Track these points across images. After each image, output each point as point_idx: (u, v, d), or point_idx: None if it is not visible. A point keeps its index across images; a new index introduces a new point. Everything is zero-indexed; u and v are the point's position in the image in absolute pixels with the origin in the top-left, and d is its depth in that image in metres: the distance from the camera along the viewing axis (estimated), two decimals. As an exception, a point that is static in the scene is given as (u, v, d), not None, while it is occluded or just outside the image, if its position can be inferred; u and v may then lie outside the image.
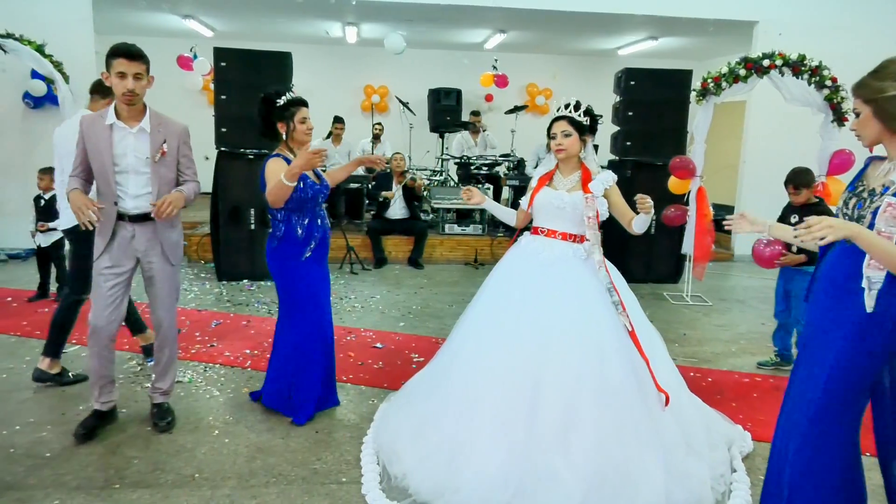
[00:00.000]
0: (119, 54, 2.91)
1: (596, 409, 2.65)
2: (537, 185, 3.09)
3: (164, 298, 3.21)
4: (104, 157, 2.99)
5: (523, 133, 9.82)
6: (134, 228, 3.08)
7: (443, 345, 3.32)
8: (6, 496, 2.66)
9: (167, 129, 3.09)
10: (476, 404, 2.79)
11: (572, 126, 2.96)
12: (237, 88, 6.08)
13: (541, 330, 2.78)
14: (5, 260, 6.97)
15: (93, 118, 3.06)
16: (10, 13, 6.47)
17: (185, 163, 3.17)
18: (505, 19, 8.75)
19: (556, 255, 2.94)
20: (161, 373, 3.35)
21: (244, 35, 10.33)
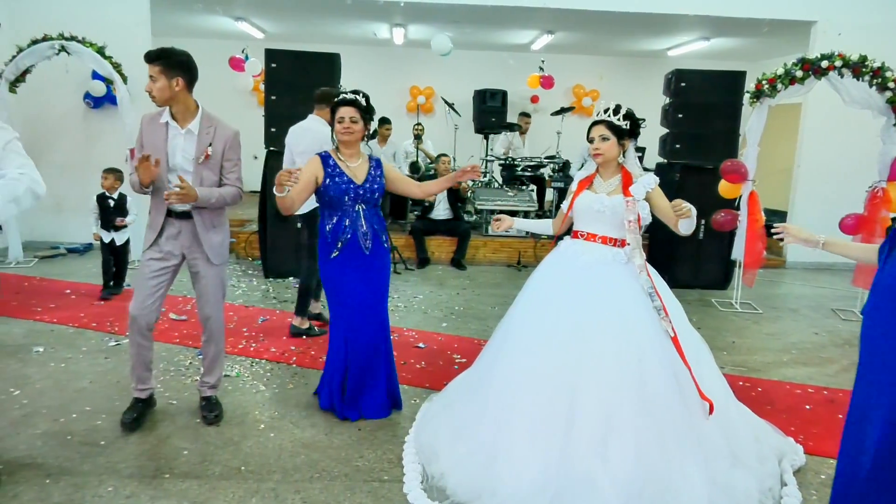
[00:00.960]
0: (148, 58, 3.05)
1: (635, 416, 2.60)
2: (577, 189, 3.08)
3: (208, 295, 3.28)
4: (159, 154, 3.08)
5: (569, 135, 9.71)
6: (180, 226, 3.17)
7: (484, 347, 3.32)
8: (63, 481, 2.77)
9: (216, 133, 3.15)
10: (514, 408, 2.78)
11: (610, 130, 2.94)
12: (287, 89, 6.19)
13: (579, 335, 2.75)
14: (64, 254, 7.25)
15: (151, 117, 3.17)
16: (73, 17, 6.73)
17: (228, 167, 3.21)
18: (553, 20, 8.69)
19: (595, 259, 2.91)
20: (209, 367, 3.43)
21: (294, 36, 10.51)
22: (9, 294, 5.46)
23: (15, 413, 3.37)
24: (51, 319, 4.92)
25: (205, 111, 3.18)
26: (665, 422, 2.61)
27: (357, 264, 3.35)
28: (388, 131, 8.72)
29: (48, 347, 4.34)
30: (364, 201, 3.34)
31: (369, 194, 3.34)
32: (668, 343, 2.70)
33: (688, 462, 2.56)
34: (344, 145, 3.32)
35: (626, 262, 2.89)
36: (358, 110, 3.27)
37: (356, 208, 3.33)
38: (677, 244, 6.12)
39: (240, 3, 8.12)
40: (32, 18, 6.83)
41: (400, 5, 7.69)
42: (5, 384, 3.71)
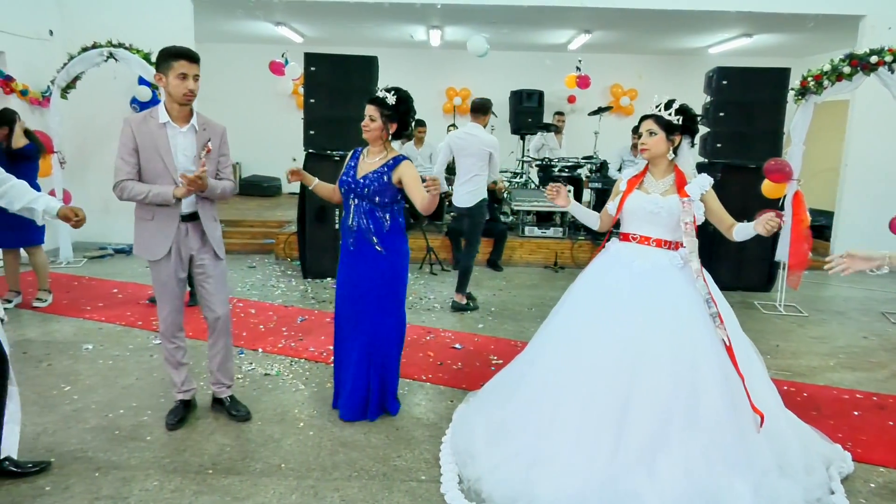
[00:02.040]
0: (181, 56, 3.00)
1: (686, 430, 2.55)
2: (627, 189, 2.98)
3: (218, 293, 3.30)
4: (163, 155, 3.05)
5: (607, 135, 9.63)
6: (187, 227, 3.18)
7: (523, 350, 3.30)
8: (112, 474, 2.86)
9: (211, 129, 3.20)
10: (559, 416, 2.73)
11: (658, 125, 2.87)
12: (326, 92, 6.27)
13: (633, 343, 2.69)
14: (112, 254, 7.47)
15: (143, 119, 3.08)
16: (121, 24, 6.95)
17: (223, 161, 3.27)
18: (591, 19, 8.61)
19: (650, 264, 2.83)
20: (222, 367, 3.41)
21: (332, 40, 10.64)
22: (60, 293, 5.65)
23: (66, 408, 3.49)
24: (99, 318, 5.08)
25: (196, 110, 3.19)
26: (715, 435, 2.55)
27: (345, 260, 3.40)
28: (423, 133, 8.76)
29: (97, 345, 4.48)
30: (357, 196, 3.30)
31: (360, 189, 3.27)
32: (722, 352, 2.64)
33: (735, 476, 2.50)
34: (369, 142, 3.36)
35: (682, 266, 2.82)
36: (378, 108, 3.25)
37: (349, 202, 3.34)
38: (718, 244, 5.99)
39: (280, 8, 8.25)
40: (82, 27, 7.08)
41: (437, 7, 7.73)
42: (57, 380, 3.85)
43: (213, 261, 3.26)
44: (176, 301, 3.27)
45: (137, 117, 3.11)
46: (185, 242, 3.18)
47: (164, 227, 3.13)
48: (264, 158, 10.74)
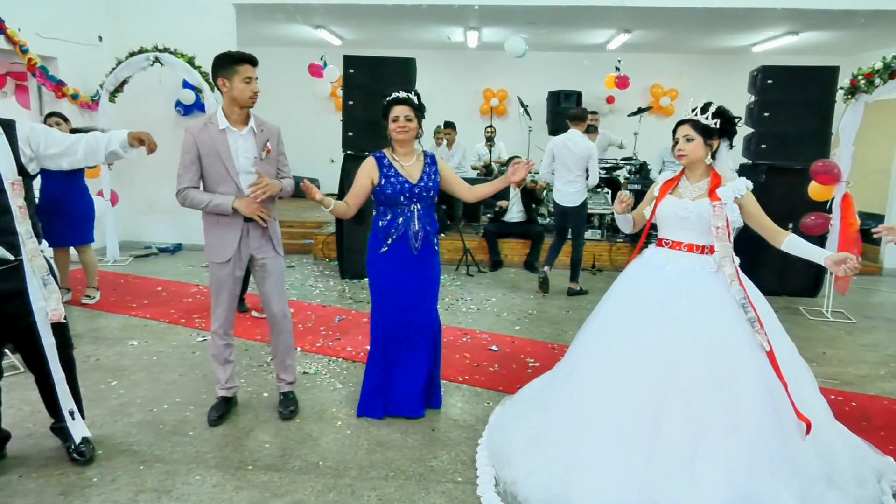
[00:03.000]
0: (246, 61, 3.11)
1: (726, 435, 2.49)
2: (660, 194, 2.94)
3: (278, 290, 3.38)
4: (224, 160, 3.13)
5: (647, 135, 9.49)
6: (248, 227, 3.24)
7: (561, 355, 3.27)
8: (156, 468, 2.93)
9: (268, 130, 3.26)
10: (595, 422, 2.70)
11: (696, 130, 2.81)
12: (364, 94, 6.32)
13: (666, 348, 2.64)
14: (156, 253, 7.67)
15: (202, 125, 3.17)
16: (166, 30, 7.13)
17: (282, 160, 3.35)
18: (631, 19, 8.50)
19: (682, 269, 2.79)
20: (282, 362, 3.51)
21: (370, 42, 10.73)
22: (107, 290, 5.82)
23: (113, 402, 3.60)
24: (144, 315, 5.22)
25: (252, 112, 3.25)
26: (758, 442, 2.48)
27: (405, 264, 3.33)
28: (451, 135, 8.76)
29: (142, 341, 4.60)
30: (419, 200, 3.30)
31: (424, 192, 3.30)
32: (762, 358, 2.57)
33: (780, 486, 2.43)
34: (399, 144, 3.31)
35: (715, 270, 2.76)
36: (412, 109, 3.26)
37: (411, 208, 3.30)
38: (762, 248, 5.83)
39: (319, 12, 8.36)
40: (130, 33, 7.28)
41: (475, 8, 7.72)
42: (104, 375, 3.97)
43: (273, 258, 3.33)
44: (231, 300, 3.34)
45: (197, 124, 3.20)
46: (245, 242, 3.26)
47: (230, 231, 3.22)
48: (303, 159, 10.82)
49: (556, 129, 10.01)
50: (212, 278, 3.32)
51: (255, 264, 3.33)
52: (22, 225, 2.58)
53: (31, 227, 2.69)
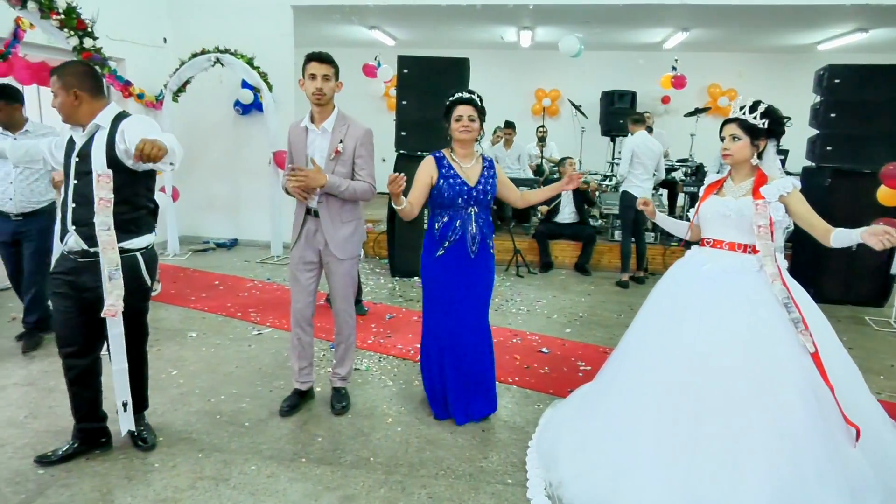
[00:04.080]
0: (311, 58, 3.20)
1: (768, 440, 2.41)
2: (704, 194, 2.92)
3: (338, 289, 3.44)
4: (301, 156, 3.29)
5: (704, 137, 9.24)
6: (316, 223, 3.33)
7: (609, 357, 3.23)
8: (213, 457, 3.02)
9: (349, 131, 3.28)
10: (637, 425, 2.67)
11: (742, 129, 2.75)
12: (417, 94, 6.36)
13: (705, 349, 2.59)
14: (213, 248, 7.89)
15: (296, 123, 3.37)
16: (227, 32, 7.33)
17: (360, 164, 3.31)
18: (690, 17, 8.30)
19: (722, 267, 2.73)
20: (340, 359, 3.60)
21: (423, 42, 10.80)
22: (167, 283, 6.03)
23: (173, 391, 3.72)
24: (202, 308, 5.38)
25: (340, 111, 3.31)
26: (802, 446, 2.40)
27: (461, 267, 3.32)
28: (511, 135, 8.74)
29: (200, 333, 4.75)
30: (476, 203, 3.29)
31: (482, 196, 3.29)
32: (806, 360, 2.49)
33: (829, 492, 2.34)
34: (460, 144, 3.28)
35: (758, 269, 2.69)
36: (475, 109, 3.23)
37: (468, 210, 3.29)
38: (826, 255, 5.65)
39: (374, 13, 8.45)
40: (192, 34, 7.51)
41: (529, 8, 7.68)
42: (165, 364, 4.11)
43: (333, 260, 3.36)
44: (303, 294, 3.41)
45: (295, 122, 3.40)
46: (313, 238, 3.35)
47: (297, 219, 3.40)
48: (355, 159, 11.06)
49: (609, 130, 9.89)
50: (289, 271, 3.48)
51: (323, 261, 3.41)
52: (99, 216, 2.68)
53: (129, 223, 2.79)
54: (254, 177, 7.73)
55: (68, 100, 2.73)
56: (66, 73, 2.75)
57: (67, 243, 2.78)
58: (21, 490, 2.70)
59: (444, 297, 3.36)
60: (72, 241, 2.76)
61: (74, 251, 2.78)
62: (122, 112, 2.84)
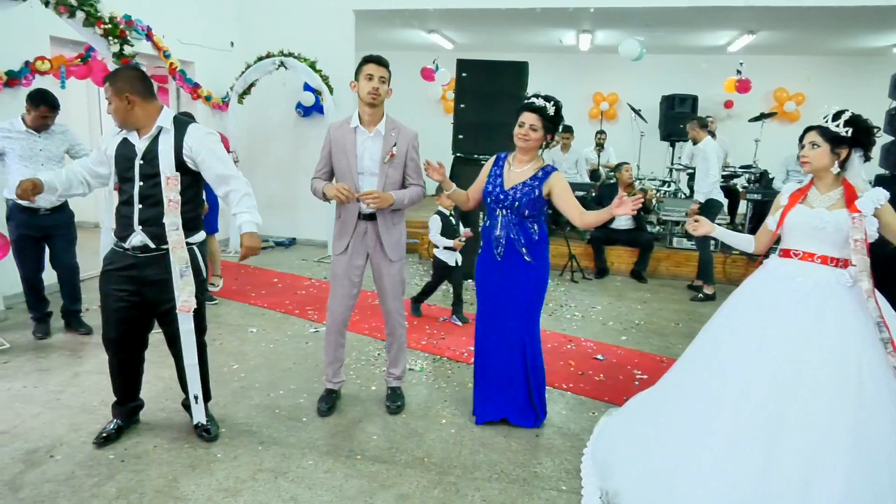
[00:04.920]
0: (369, 60, 3.24)
1: (849, 459, 2.32)
2: (789, 203, 2.80)
3: (388, 291, 3.47)
4: (349, 157, 3.28)
5: (769, 143, 8.97)
6: (367, 226, 3.36)
7: (672, 366, 3.17)
8: (273, 450, 3.10)
9: (400, 134, 3.32)
10: (704, 437, 2.59)
11: (823, 137, 2.65)
12: (476, 97, 6.37)
13: (788, 364, 2.49)
14: (272, 246, 8.11)
15: (340, 124, 3.38)
16: (291, 36, 7.53)
17: (411, 167, 3.36)
18: (757, 19, 8.06)
19: (814, 282, 2.62)
20: (393, 359, 3.63)
21: (480, 46, 10.82)
22: (229, 279, 6.22)
23: (235, 385, 3.84)
24: (262, 304, 5.53)
25: (388, 116, 3.35)
26: (884, 468, 2.30)
27: (489, 268, 3.34)
28: (569, 139, 8.67)
29: (260, 329, 4.89)
30: (504, 207, 3.24)
31: (508, 201, 3.22)
32: (894, 382, 2.39)
33: None
34: (519, 150, 3.27)
35: (851, 285, 2.59)
36: (541, 118, 3.15)
37: (497, 213, 3.28)
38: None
39: (434, 17, 8.53)
40: (258, 38, 7.74)
41: (589, 11, 7.61)
42: (227, 358, 4.25)
43: (385, 261, 3.41)
44: (345, 297, 3.44)
45: (336, 122, 3.41)
46: (362, 241, 3.38)
47: (346, 226, 3.38)
48: (411, 161, 11.19)
49: (669, 135, 9.69)
50: (330, 273, 3.48)
51: (372, 263, 3.45)
52: (168, 217, 2.80)
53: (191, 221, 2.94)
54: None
55: (122, 105, 2.83)
56: (118, 79, 2.84)
57: (132, 242, 2.88)
58: (94, 474, 2.83)
59: (479, 296, 3.45)
60: (137, 239, 2.88)
61: (137, 247, 2.89)
62: (179, 116, 2.96)
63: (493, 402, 3.43)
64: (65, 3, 4.29)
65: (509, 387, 3.39)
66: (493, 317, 3.37)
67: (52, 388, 3.69)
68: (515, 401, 3.41)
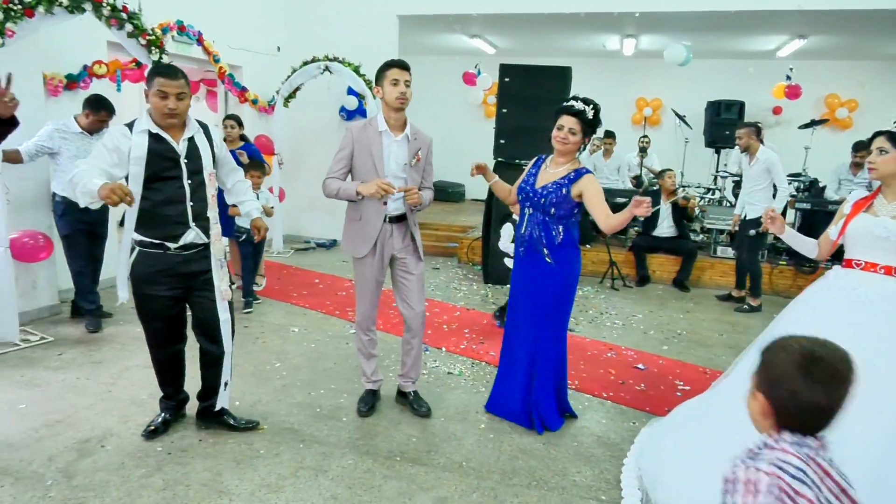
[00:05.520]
0: (393, 65, 3.21)
1: None
2: (852, 211, 2.72)
3: (416, 291, 3.47)
4: (375, 160, 3.27)
5: (820, 150, 8.73)
6: (392, 228, 3.37)
7: (723, 374, 3.10)
8: (314, 448, 3.15)
9: (421, 139, 3.36)
10: None
11: (891, 142, 2.57)
12: (518, 102, 6.37)
13: None
14: (314, 248, 8.23)
15: (362, 126, 3.32)
16: (336, 40, 7.64)
17: (427, 170, 3.43)
18: (808, 23, 7.86)
19: (876, 293, 2.54)
20: (413, 363, 3.59)
21: (523, 51, 10.80)
22: (271, 279, 6.34)
23: (277, 383, 3.91)
24: (303, 304, 5.62)
25: (409, 121, 3.35)
26: None
27: (516, 266, 3.45)
28: (611, 145, 8.59)
29: (302, 329, 4.96)
30: (532, 205, 3.30)
31: (537, 199, 3.26)
32: None
33: None
34: (557, 153, 3.29)
35: None
36: (580, 122, 3.17)
37: (525, 210, 3.34)
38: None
39: (477, 21, 8.55)
40: (304, 43, 7.88)
41: (635, 16, 7.53)
42: (270, 356, 4.33)
43: (414, 261, 3.45)
44: (373, 298, 3.50)
45: (358, 124, 3.37)
46: (388, 242, 3.39)
47: (370, 228, 3.34)
48: (451, 165, 11.15)
49: (714, 141, 9.52)
50: (355, 276, 3.49)
51: (397, 265, 3.45)
52: (211, 211, 2.94)
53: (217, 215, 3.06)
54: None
55: (189, 102, 2.92)
56: (188, 78, 2.94)
57: (186, 239, 2.94)
58: (142, 465, 2.92)
59: (510, 297, 3.52)
60: (192, 236, 2.96)
61: (188, 244, 2.96)
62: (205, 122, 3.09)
63: (503, 397, 3.55)
64: (116, 17, 4.59)
65: (512, 385, 3.49)
66: (513, 313, 3.49)
67: (104, 380, 3.82)
68: (513, 400, 3.49)
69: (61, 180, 4.45)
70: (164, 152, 2.86)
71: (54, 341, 4.44)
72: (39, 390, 3.66)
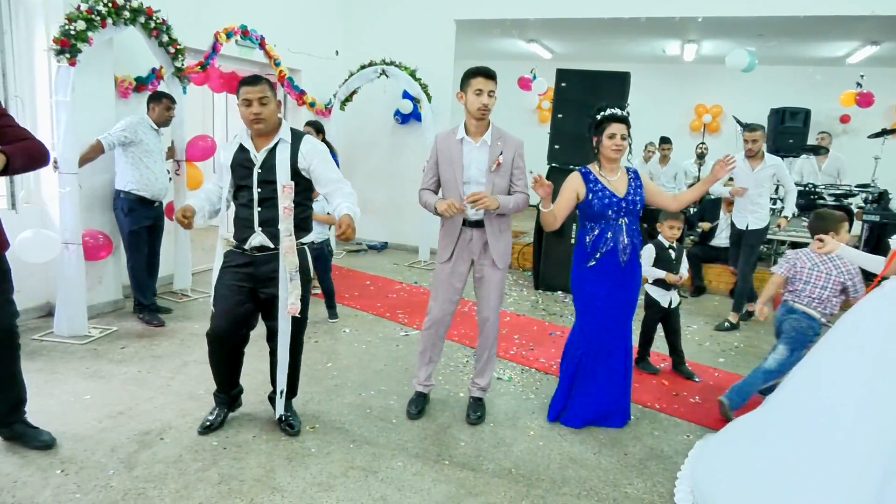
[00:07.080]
0: (479, 73, 3.21)
1: None
2: None
3: (490, 300, 3.46)
4: (455, 168, 3.32)
5: (890, 160, 8.34)
6: (472, 233, 3.38)
7: (778, 388, 3.00)
8: (364, 448, 3.17)
9: (505, 143, 3.32)
10: (811, 468, 2.44)
11: None
12: (574, 107, 6.29)
13: None
14: (366, 250, 8.33)
15: (446, 135, 3.39)
16: (393, 45, 7.73)
17: (517, 174, 3.36)
18: (882, 29, 7.53)
19: None
20: (481, 369, 3.61)
21: (579, 56, 10.69)
22: (324, 280, 6.43)
23: (328, 383, 3.97)
24: (355, 306, 5.68)
25: (493, 125, 3.35)
26: None
27: (612, 276, 3.38)
28: (668, 150, 8.41)
29: (353, 330, 5.02)
30: (626, 214, 3.35)
31: (632, 206, 3.35)
32: None
33: None
34: (610, 161, 3.35)
35: None
36: (628, 127, 3.30)
37: (619, 222, 3.34)
38: None
39: (534, 26, 8.50)
40: (362, 47, 8.00)
41: (698, 21, 7.35)
42: (322, 356, 4.39)
43: (490, 268, 3.42)
44: (447, 303, 3.49)
45: (444, 133, 3.43)
46: (467, 247, 3.41)
47: (450, 233, 3.42)
48: (503, 170, 11.21)
49: (777, 150, 9.18)
50: (434, 276, 3.54)
51: (475, 270, 3.47)
52: (283, 223, 2.95)
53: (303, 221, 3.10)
54: (407, 183, 8.02)
55: (276, 107, 2.99)
56: (270, 83, 3.01)
57: (252, 242, 3.03)
58: (199, 458, 3.00)
59: (595, 307, 3.43)
60: (259, 239, 3.03)
61: (256, 247, 3.05)
62: (295, 129, 3.10)
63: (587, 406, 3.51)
64: (158, 28, 4.89)
65: (609, 390, 3.50)
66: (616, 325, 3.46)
67: (164, 374, 3.95)
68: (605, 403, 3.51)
69: (131, 175, 4.65)
70: (244, 161, 3.02)
71: (118, 334, 4.62)
72: (103, 382, 3.80)
